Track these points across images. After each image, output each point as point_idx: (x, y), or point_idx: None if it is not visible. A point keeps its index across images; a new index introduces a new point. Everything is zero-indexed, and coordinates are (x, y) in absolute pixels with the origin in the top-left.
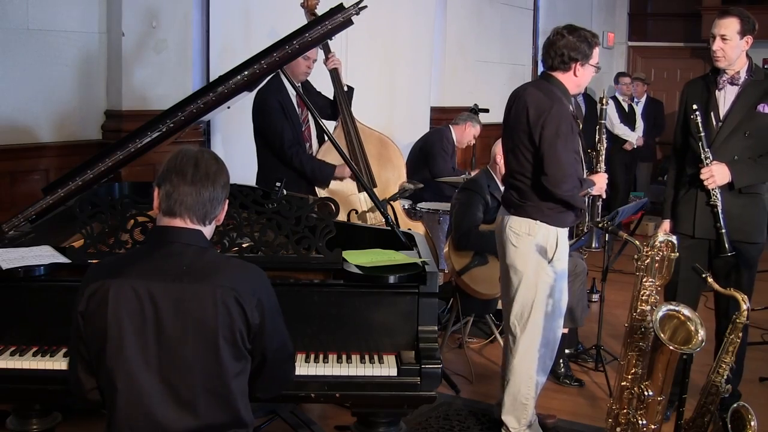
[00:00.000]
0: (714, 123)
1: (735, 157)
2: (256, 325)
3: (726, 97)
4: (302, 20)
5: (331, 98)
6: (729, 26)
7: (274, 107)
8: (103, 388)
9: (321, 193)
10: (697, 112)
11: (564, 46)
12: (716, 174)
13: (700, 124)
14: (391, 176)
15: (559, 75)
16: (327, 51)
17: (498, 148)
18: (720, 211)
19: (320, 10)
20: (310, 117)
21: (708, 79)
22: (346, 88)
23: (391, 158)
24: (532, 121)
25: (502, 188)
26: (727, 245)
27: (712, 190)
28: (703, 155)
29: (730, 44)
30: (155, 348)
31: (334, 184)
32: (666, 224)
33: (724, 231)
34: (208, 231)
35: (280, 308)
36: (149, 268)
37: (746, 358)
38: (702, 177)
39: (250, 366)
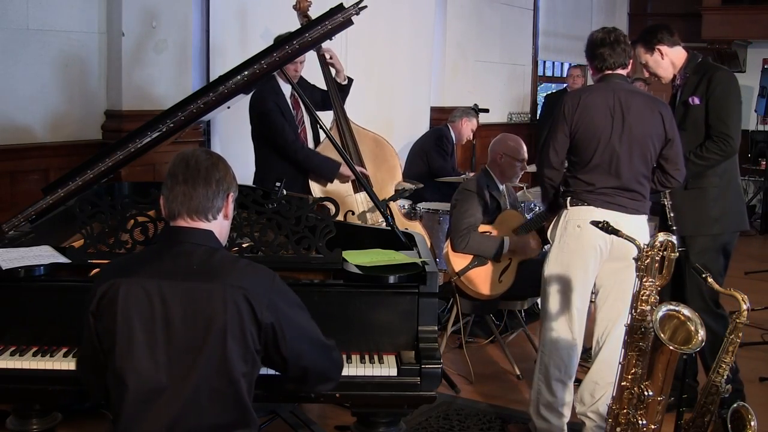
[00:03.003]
0: None
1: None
2: (267, 325)
3: (678, 100)
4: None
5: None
6: (639, 55)
7: (272, 108)
8: (112, 387)
9: (317, 193)
10: None
11: (626, 43)
12: None
13: None
14: (387, 176)
15: (624, 71)
16: (320, 51)
17: (501, 148)
18: (669, 209)
19: (313, 12)
20: (306, 118)
21: None
22: (345, 81)
23: (386, 158)
24: (669, 127)
25: (501, 188)
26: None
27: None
28: None
29: (651, 66)
30: (164, 347)
31: (330, 185)
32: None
33: (674, 228)
34: (217, 227)
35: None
36: (160, 267)
37: (747, 358)
38: None
39: (291, 375)
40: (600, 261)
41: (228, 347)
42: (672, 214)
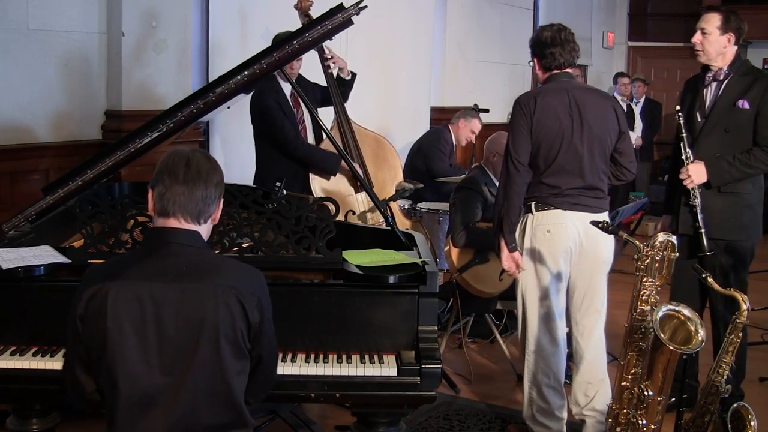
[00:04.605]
0: (698, 120)
1: (716, 155)
2: (256, 324)
3: (711, 94)
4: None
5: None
6: (710, 21)
7: (272, 106)
8: (104, 390)
9: (318, 193)
10: (680, 114)
11: (574, 42)
12: (693, 173)
13: (682, 125)
14: (388, 176)
15: (572, 70)
16: (321, 52)
17: (495, 147)
18: (699, 210)
19: (314, 12)
20: (306, 117)
21: (698, 77)
22: (349, 76)
23: (387, 158)
24: (621, 121)
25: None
26: (705, 245)
27: (692, 189)
28: (683, 155)
29: (709, 39)
30: (156, 349)
31: (330, 185)
32: (663, 220)
33: (702, 231)
34: (204, 231)
35: (276, 309)
36: (148, 269)
37: (747, 358)
38: (680, 177)
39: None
40: (570, 262)
41: (221, 347)
42: (702, 216)
